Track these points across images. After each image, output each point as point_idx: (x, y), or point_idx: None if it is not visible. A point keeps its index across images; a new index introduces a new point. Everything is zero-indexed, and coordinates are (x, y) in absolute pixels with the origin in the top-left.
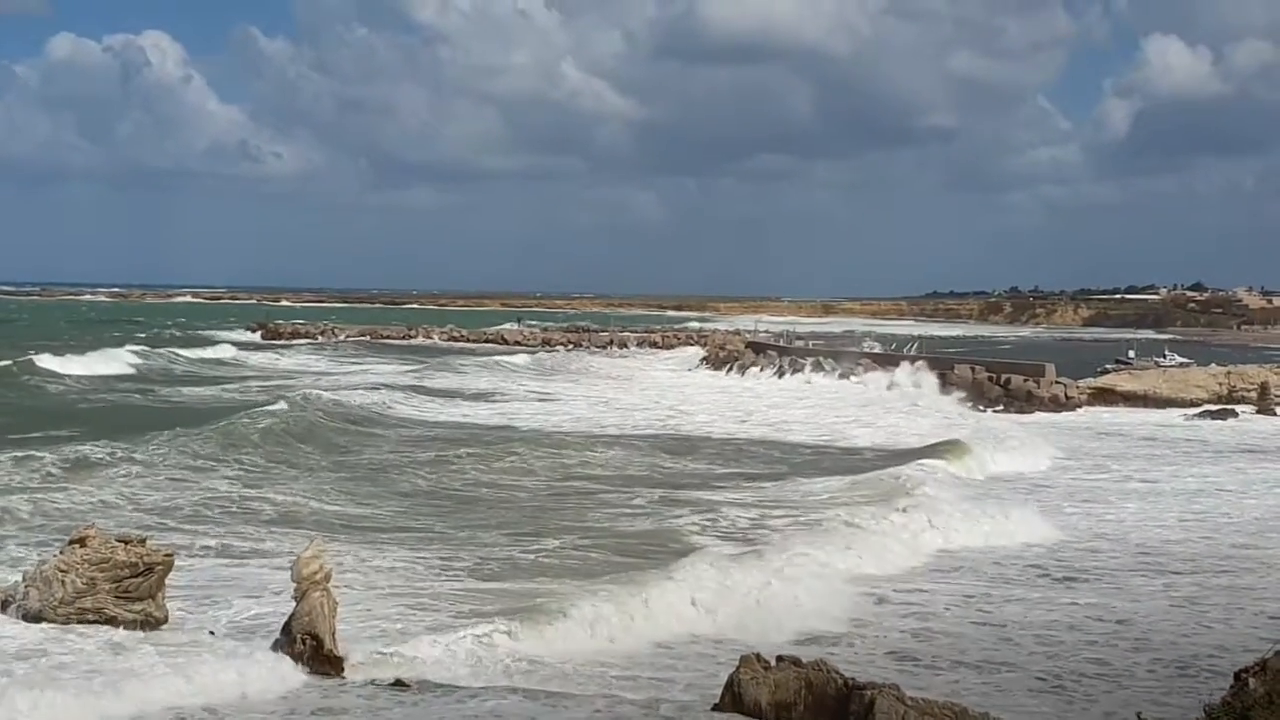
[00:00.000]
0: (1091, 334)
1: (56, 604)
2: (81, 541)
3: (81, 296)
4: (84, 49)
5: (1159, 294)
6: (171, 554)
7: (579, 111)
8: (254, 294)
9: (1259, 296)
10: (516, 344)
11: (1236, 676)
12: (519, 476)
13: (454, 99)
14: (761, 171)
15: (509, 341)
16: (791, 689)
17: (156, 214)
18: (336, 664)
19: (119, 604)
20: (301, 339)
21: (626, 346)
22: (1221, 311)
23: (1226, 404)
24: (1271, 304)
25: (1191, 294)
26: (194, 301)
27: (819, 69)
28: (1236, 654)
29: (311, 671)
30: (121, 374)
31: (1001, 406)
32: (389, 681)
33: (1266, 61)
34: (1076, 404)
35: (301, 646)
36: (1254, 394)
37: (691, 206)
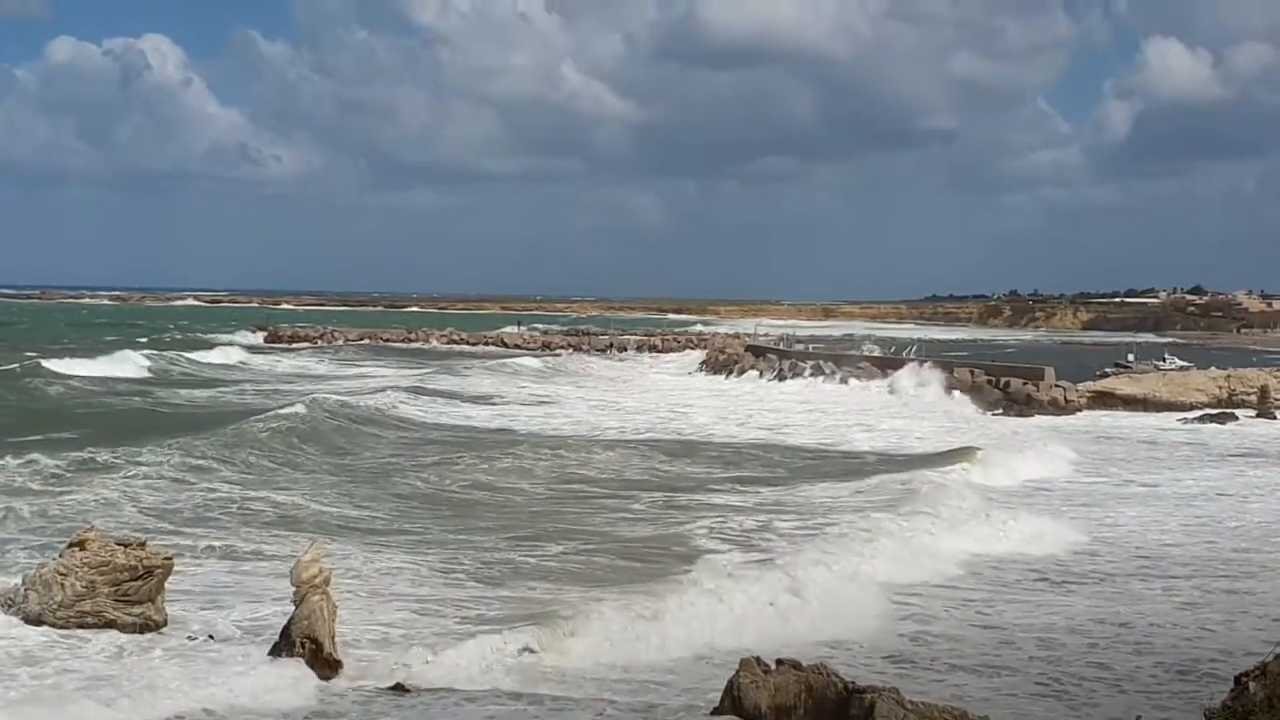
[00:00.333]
0: (1091, 337)
1: (56, 607)
2: (81, 544)
3: (81, 300)
4: (84, 52)
5: (1159, 297)
6: (171, 557)
7: (579, 114)
8: (253, 297)
9: (1259, 300)
10: (516, 347)
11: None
12: (520, 480)
13: (454, 101)
14: (762, 174)
15: (509, 345)
16: (791, 692)
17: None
18: (336, 668)
19: (118, 607)
20: (305, 342)
21: (626, 350)
22: (1221, 315)
23: (1226, 408)
24: (1271, 307)
25: (1191, 297)
26: (195, 305)
27: (819, 72)
28: (1237, 658)
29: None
30: (133, 377)
31: (1001, 410)
32: (388, 686)
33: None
34: (1076, 407)
35: (301, 650)
36: (1254, 397)
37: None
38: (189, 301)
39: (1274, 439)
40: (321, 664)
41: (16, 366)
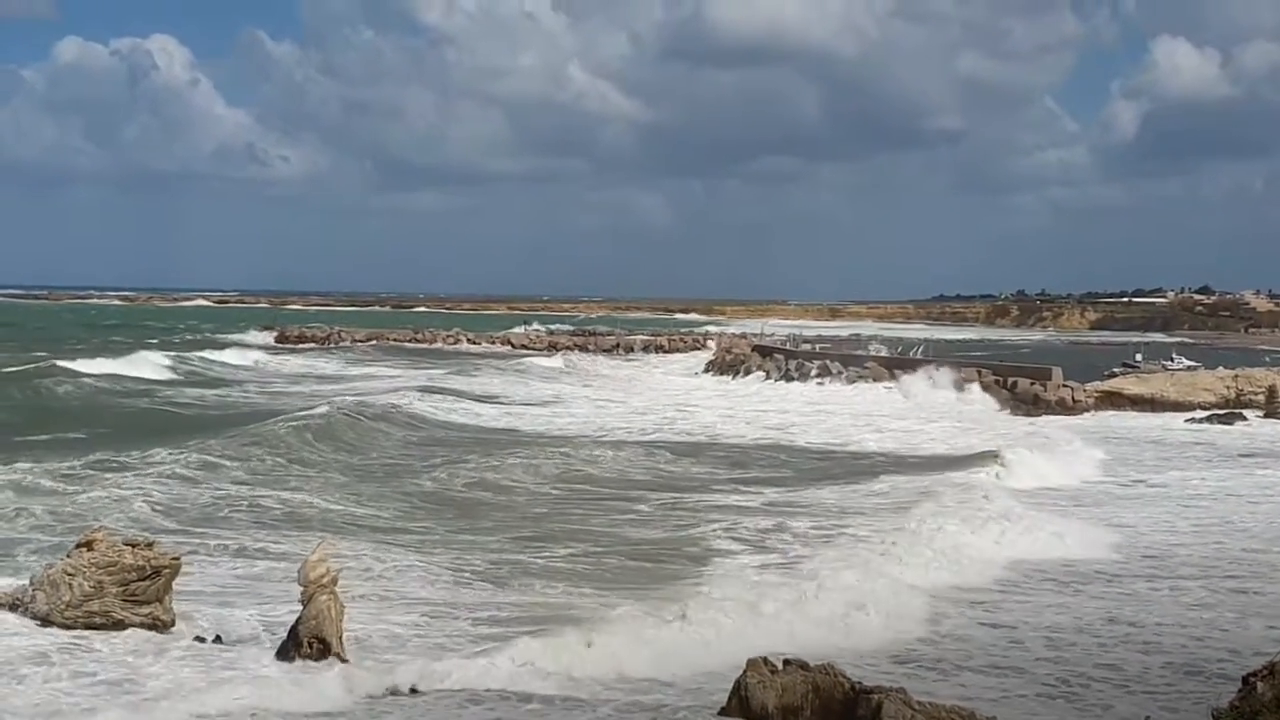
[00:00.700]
0: (1099, 337)
1: (64, 607)
2: (89, 545)
3: (88, 300)
4: (91, 53)
5: (1166, 297)
6: (178, 557)
7: (585, 114)
8: (260, 297)
9: (1266, 299)
10: (523, 347)
11: (1244, 680)
12: (528, 480)
13: (460, 101)
14: (768, 174)
15: (516, 345)
16: (798, 692)
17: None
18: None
19: (126, 607)
20: (312, 343)
21: (633, 350)
22: (1229, 315)
23: (1234, 408)
24: (1279, 307)
25: (1199, 297)
26: (205, 306)
27: (826, 71)
28: (1246, 658)
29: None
30: (153, 377)
31: (1008, 410)
32: (397, 687)
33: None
34: (1084, 407)
35: (309, 650)
36: (1262, 397)
37: (698, 209)
38: (198, 302)
39: None
40: (329, 664)
41: (33, 366)
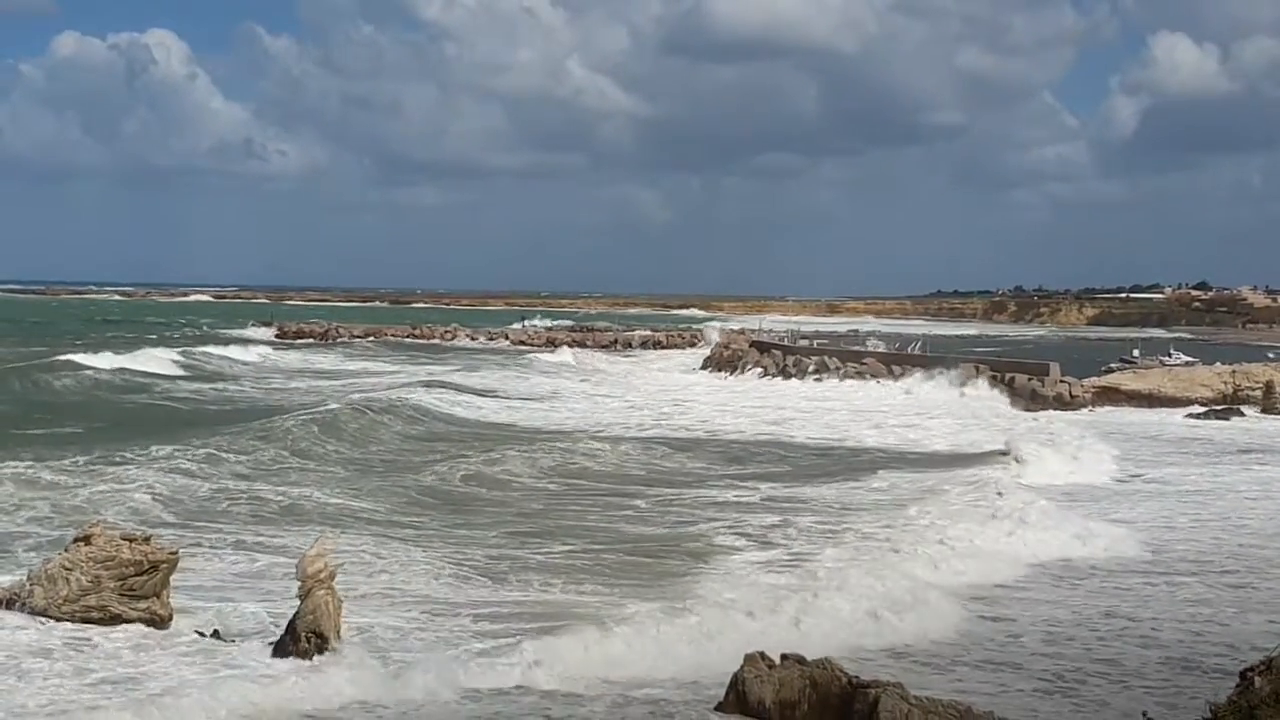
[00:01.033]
0: (1096, 333)
1: (61, 601)
2: (87, 539)
3: (88, 295)
4: (89, 47)
5: (1164, 293)
6: (176, 552)
7: (584, 109)
8: (258, 292)
9: (1264, 295)
10: (522, 343)
11: (1242, 675)
12: (528, 476)
13: (459, 96)
14: (767, 169)
15: (515, 340)
16: (796, 687)
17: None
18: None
19: (123, 602)
20: (316, 339)
21: (632, 346)
22: (1226, 310)
23: (1232, 403)
24: (1276, 303)
25: (1196, 293)
26: (205, 301)
27: (825, 66)
28: (1243, 653)
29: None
30: (163, 372)
31: (1020, 405)
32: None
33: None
34: (1082, 403)
35: (306, 645)
36: (1259, 393)
37: (696, 204)
38: (198, 297)
39: (1279, 435)
40: (326, 659)
41: (39, 361)
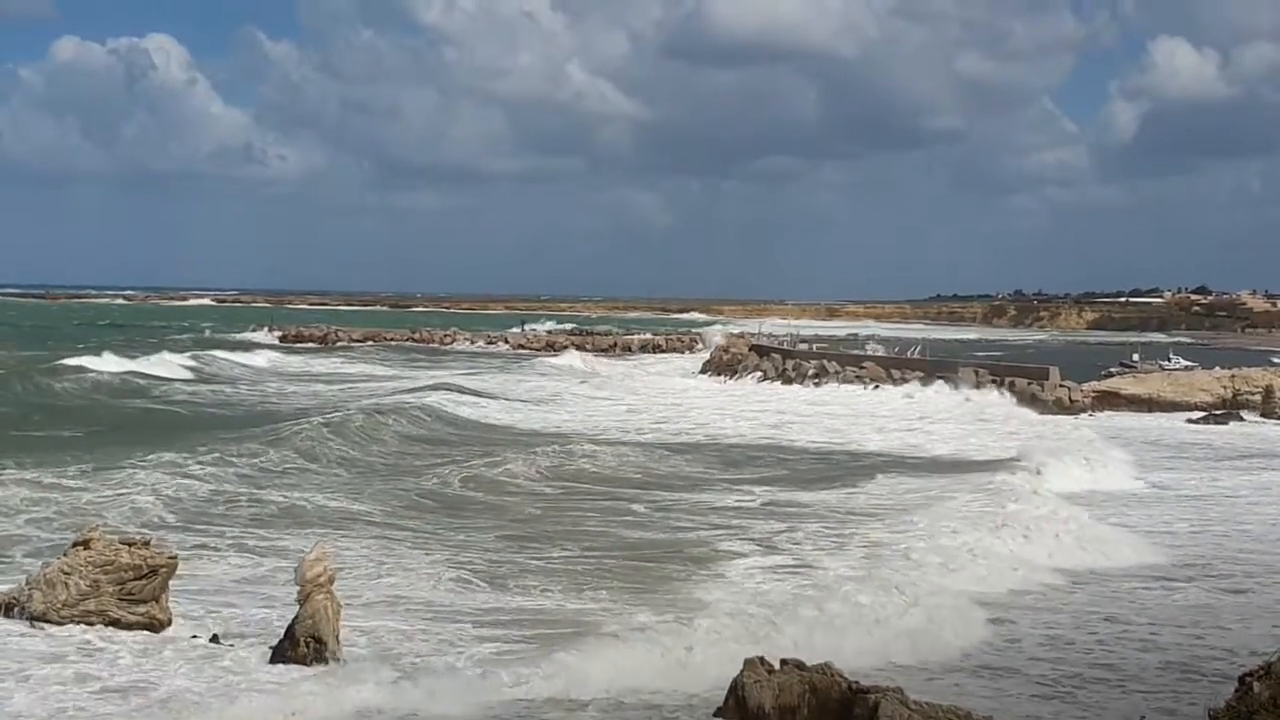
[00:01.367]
0: (1096, 337)
1: (60, 606)
2: (86, 544)
3: (88, 299)
4: (88, 52)
5: (1163, 297)
6: (175, 556)
7: (584, 113)
8: (258, 296)
9: (1263, 300)
10: (521, 347)
11: (1241, 680)
12: (529, 480)
13: (459, 101)
14: (767, 173)
15: (514, 344)
16: (795, 692)
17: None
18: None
19: (122, 607)
20: (319, 343)
21: (631, 349)
22: (1226, 315)
23: (1231, 408)
24: (1276, 307)
25: (1196, 297)
26: (206, 305)
27: (825, 70)
28: (1242, 658)
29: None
30: (173, 376)
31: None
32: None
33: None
34: (1081, 408)
35: (305, 650)
36: (1258, 397)
37: (696, 208)
38: (199, 301)
39: (1278, 440)
40: (325, 664)
41: (50, 365)
